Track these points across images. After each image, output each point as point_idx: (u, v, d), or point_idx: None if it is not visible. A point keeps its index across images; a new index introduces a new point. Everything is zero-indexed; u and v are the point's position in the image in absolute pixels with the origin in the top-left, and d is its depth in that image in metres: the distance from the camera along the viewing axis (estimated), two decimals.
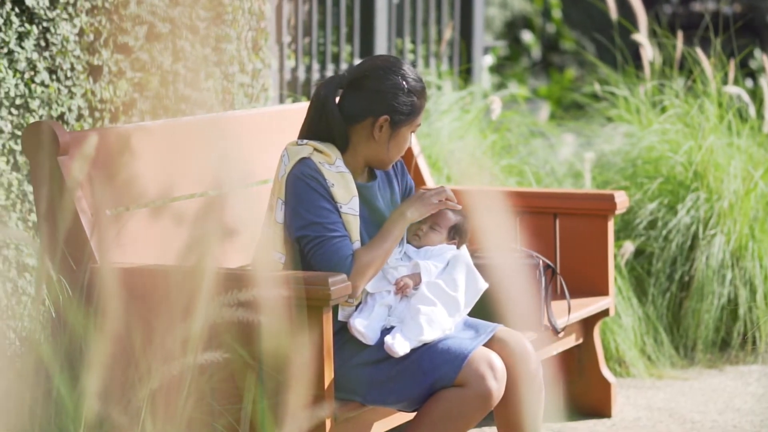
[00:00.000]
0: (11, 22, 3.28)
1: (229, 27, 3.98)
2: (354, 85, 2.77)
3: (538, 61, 8.66)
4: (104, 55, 3.55)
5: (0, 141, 3.28)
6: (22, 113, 3.34)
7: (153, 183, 3.04)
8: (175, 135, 3.14)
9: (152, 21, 3.71)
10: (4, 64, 3.27)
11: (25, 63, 3.32)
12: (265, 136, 3.42)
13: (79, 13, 3.47)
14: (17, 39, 3.30)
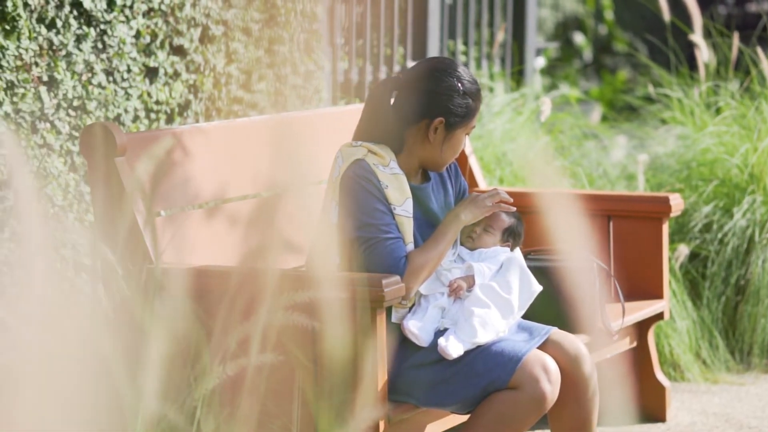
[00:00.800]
0: (69, 24, 3.31)
1: (282, 29, 4.00)
2: (409, 87, 2.77)
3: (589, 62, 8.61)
4: (160, 57, 3.58)
5: (58, 142, 3.32)
6: (79, 115, 3.37)
7: (207, 184, 3.06)
8: (229, 136, 3.16)
9: (206, 23, 3.73)
10: (62, 66, 3.31)
11: (83, 65, 3.36)
12: (318, 137, 3.43)
13: (135, 16, 3.50)
14: (75, 41, 3.34)
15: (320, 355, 2.54)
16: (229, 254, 3.01)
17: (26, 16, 3.20)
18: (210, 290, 2.56)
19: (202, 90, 3.74)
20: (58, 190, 3.33)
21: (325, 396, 2.46)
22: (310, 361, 2.53)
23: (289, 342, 2.49)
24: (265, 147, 3.22)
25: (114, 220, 2.76)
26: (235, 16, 3.82)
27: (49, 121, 3.29)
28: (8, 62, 3.16)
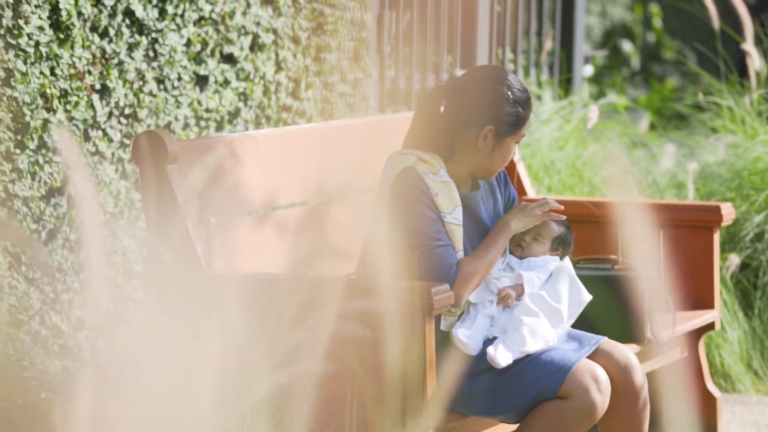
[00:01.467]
0: (122, 33, 3.35)
1: (331, 37, 4.01)
2: (459, 95, 2.77)
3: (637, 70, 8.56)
4: (210, 65, 3.60)
5: (109, 150, 3.35)
6: (130, 122, 3.41)
7: (257, 191, 3.07)
8: (279, 144, 3.18)
9: (256, 32, 3.76)
10: (115, 75, 3.34)
11: (134, 73, 3.39)
12: (366, 145, 3.43)
13: (186, 24, 3.53)
14: (127, 50, 3.37)
15: (370, 363, 2.54)
16: (279, 261, 3.02)
17: (80, 25, 3.24)
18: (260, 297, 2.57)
19: (252, 98, 3.76)
20: (109, 198, 3.36)
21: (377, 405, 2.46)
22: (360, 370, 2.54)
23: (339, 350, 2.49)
24: (315, 155, 3.23)
25: (165, 227, 2.78)
26: (285, 25, 3.84)
27: (101, 128, 3.33)
28: (62, 70, 3.19)
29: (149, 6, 3.41)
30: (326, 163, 3.25)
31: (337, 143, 3.31)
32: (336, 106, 4.06)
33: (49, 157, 3.19)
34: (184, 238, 2.77)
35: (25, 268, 3.13)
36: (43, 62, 3.14)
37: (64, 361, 3.16)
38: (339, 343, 2.44)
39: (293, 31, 3.87)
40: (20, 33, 3.07)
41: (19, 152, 3.12)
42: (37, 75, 3.13)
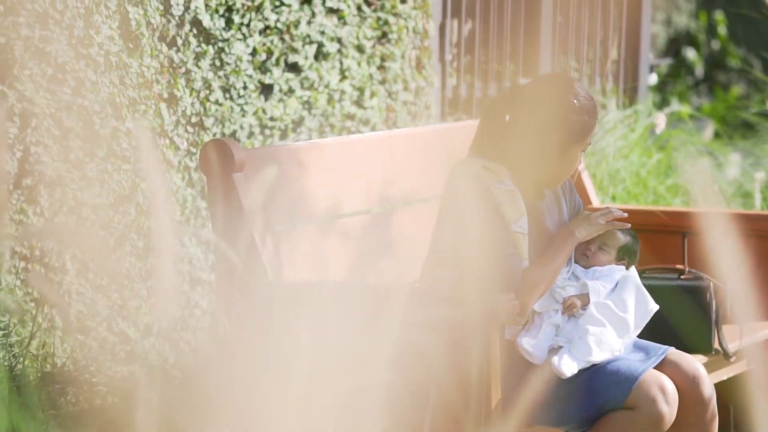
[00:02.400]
0: (189, 42, 3.39)
1: (394, 46, 4.02)
2: (525, 104, 2.76)
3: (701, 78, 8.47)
4: (275, 73, 3.63)
5: (176, 158, 3.39)
6: (197, 131, 3.44)
7: (322, 199, 3.09)
8: (344, 152, 3.19)
9: (321, 41, 3.78)
10: (182, 83, 3.38)
11: (201, 82, 3.43)
12: (429, 153, 3.44)
13: (252, 33, 3.56)
14: (194, 59, 3.41)
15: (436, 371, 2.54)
16: (342, 270, 3.03)
17: (149, 34, 3.28)
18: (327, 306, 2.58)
19: (316, 106, 3.78)
20: (175, 206, 3.40)
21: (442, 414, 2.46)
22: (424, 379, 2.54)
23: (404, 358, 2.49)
24: (378, 163, 3.24)
25: (232, 235, 2.81)
26: (349, 34, 3.86)
27: (169, 137, 3.37)
28: (131, 79, 3.24)
29: (216, 16, 3.45)
30: (390, 172, 3.26)
31: (400, 151, 3.32)
32: (399, 115, 4.06)
33: (117, 165, 3.24)
34: (250, 246, 2.79)
35: (93, 274, 3.17)
36: (113, 71, 3.19)
37: (131, 367, 3.20)
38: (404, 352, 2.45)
39: (358, 40, 3.89)
40: (91, 43, 3.12)
41: (89, 160, 3.16)
42: (106, 84, 3.18)
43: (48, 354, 2.78)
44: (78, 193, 3.15)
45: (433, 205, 3.30)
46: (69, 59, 3.07)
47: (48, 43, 3.01)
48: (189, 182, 3.43)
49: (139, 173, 3.30)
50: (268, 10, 3.60)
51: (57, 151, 3.07)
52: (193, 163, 3.44)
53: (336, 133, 3.88)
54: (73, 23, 3.08)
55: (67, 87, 3.09)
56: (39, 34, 2.99)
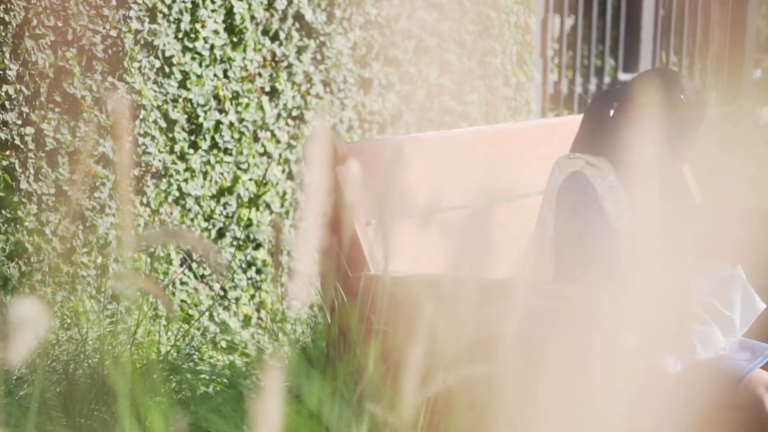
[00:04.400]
0: (291, 36, 3.42)
1: (495, 41, 4.01)
2: (630, 99, 2.73)
3: None
4: (375, 68, 3.65)
5: (277, 150, 3.42)
6: (297, 124, 3.47)
7: (422, 193, 3.09)
8: (444, 147, 3.19)
9: (421, 35, 3.78)
10: (284, 77, 3.41)
11: (302, 76, 3.46)
12: (531, 149, 3.42)
13: (353, 28, 3.58)
14: (296, 53, 3.44)
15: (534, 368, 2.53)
16: (442, 263, 3.03)
17: (252, 28, 3.32)
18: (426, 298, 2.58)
19: (415, 101, 3.79)
20: (276, 198, 3.43)
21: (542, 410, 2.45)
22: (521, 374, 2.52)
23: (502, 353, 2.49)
24: (479, 158, 3.23)
25: (333, 228, 2.83)
26: (450, 28, 3.85)
27: (270, 130, 3.40)
28: (234, 73, 3.28)
29: (318, 10, 3.47)
30: (490, 167, 3.25)
31: (501, 147, 3.31)
32: (498, 110, 4.05)
33: (220, 157, 3.28)
34: (352, 239, 2.81)
35: (196, 265, 3.22)
36: (217, 65, 3.23)
37: (231, 357, 3.25)
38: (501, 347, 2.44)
39: (458, 34, 3.89)
40: (197, 36, 3.17)
41: (193, 152, 3.21)
42: (210, 77, 3.22)
43: (153, 342, 2.84)
44: (182, 184, 3.20)
45: (533, 201, 3.28)
46: (175, 52, 3.12)
47: (156, 37, 3.07)
48: (289, 175, 3.46)
49: (240, 165, 3.35)
50: (369, 5, 3.62)
51: (163, 143, 3.13)
52: (293, 156, 3.47)
53: (434, 127, 3.88)
54: (180, 17, 3.13)
55: (173, 79, 3.14)
56: (148, 28, 3.05)
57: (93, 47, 2.93)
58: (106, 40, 2.96)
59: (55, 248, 2.87)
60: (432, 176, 3.13)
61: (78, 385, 2.23)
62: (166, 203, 3.16)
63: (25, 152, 2.82)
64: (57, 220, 2.89)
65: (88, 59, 2.93)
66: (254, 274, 3.38)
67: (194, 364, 2.89)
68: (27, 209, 2.81)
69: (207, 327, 3.21)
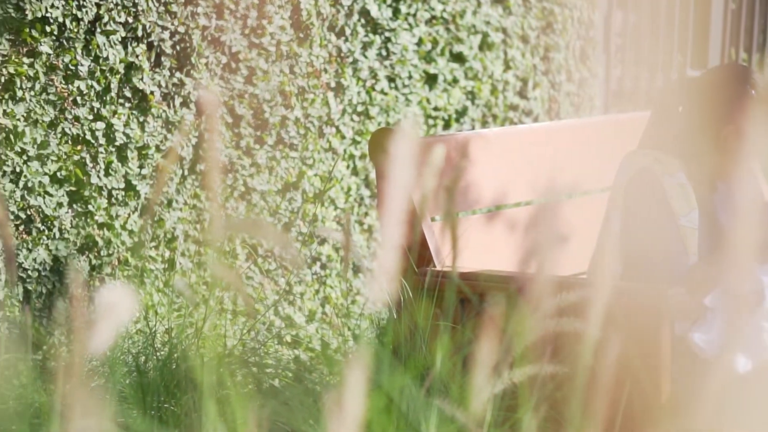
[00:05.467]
0: (357, 32, 3.43)
1: (559, 36, 3.99)
2: (699, 95, 2.70)
3: None
4: (440, 63, 3.64)
5: (342, 146, 3.43)
6: (362, 120, 3.48)
7: (487, 189, 3.09)
8: (509, 143, 3.18)
9: (486, 30, 3.77)
10: (349, 73, 3.42)
11: (367, 71, 3.47)
12: (594, 145, 3.40)
13: (418, 23, 3.58)
14: (361, 48, 3.45)
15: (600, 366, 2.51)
16: (508, 260, 3.03)
17: (318, 24, 3.33)
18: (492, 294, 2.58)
19: (479, 97, 3.78)
20: (340, 193, 3.45)
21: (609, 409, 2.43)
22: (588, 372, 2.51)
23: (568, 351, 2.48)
24: (544, 154, 3.22)
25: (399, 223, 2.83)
26: (514, 24, 3.84)
27: (335, 125, 3.41)
28: (300, 69, 3.29)
29: (384, 6, 3.48)
30: (555, 163, 3.23)
31: (565, 143, 3.29)
32: (562, 106, 4.03)
33: (285, 153, 3.30)
34: (418, 235, 2.81)
35: (261, 260, 3.24)
36: (283, 61, 3.25)
37: (296, 351, 3.27)
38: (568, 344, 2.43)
39: (522, 30, 3.87)
40: (263, 32, 3.19)
41: (258, 147, 3.23)
42: (277, 73, 3.24)
43: (219, 336, 2.86)
44: (248, 179, 3.22)
45: (597, 197, 3.26)
46: (242, 48, 3.15)
47: (223, 33, 3.09)
48: (353, 170, 3.47)
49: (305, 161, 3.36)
50: (435, 1, 3.61)
51: (229, 138, 3.15)
52: (358, 152, 3.48)
53: (498, 123, 3.87)
54: (247, 13, 3.15)
55: (239, 75, 3.16)
56: (215, 24, 3.07)
57: (162, 43, 2.96)
58: (175, 36, 2.99)
59: (124, 242, 2.91)
60: (497, 172, 3.12)
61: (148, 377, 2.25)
62: (232, 198, 3.18)
63: (95, 147, 2.85)
64: (126, 214, 2.92)
65: (157, 55, 2.96)
66: (319, 269, 3.40)
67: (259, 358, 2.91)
68: (97, 203, 2.85)
69: (272, 321, 3.24)
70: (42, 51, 2.72)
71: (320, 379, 2.86)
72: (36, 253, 2.71)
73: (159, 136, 2.98)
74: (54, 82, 2.74)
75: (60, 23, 2.75)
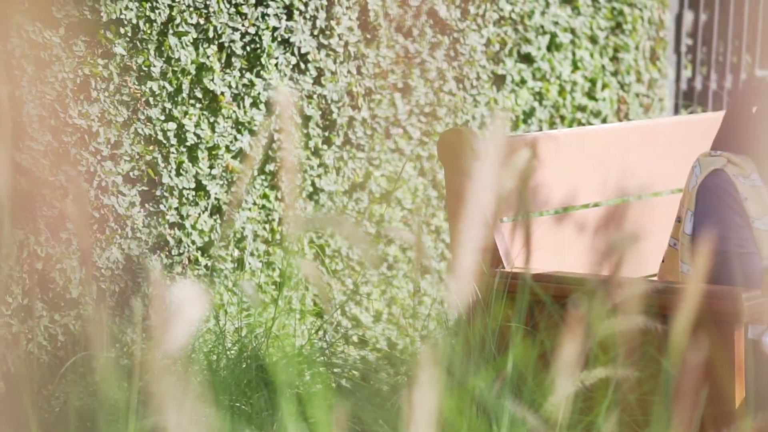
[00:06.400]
0: (425, 33, 3.42)
1: (628, 36, 3.95)
2: None
3: None
4: (508, 64, 3.63)
5: (409, 147, 3.43)
6: (429, 121, 3.48)
7: (557, 190, 3.06)
8: (579, 144, 3.16)
9: (554, 31, 3.75)
10: (416, 74, 3.42)
11: (435, 72, 3.46)
12: (664, 146, 3.36)
13: (486, 24, 3.57)
14: (429, 49, 3.45)
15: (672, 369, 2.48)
16: (577, 261, 3.00)
17: (386, 25, 3.34)
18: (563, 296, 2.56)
19: (547, 97, 3.76)
20: (407, 194, 3.44)
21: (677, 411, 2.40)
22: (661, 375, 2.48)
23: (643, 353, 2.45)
24: (613, 155, 3.19)
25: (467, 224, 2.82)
26: (583, 24, 3.81)
27: (402, 126, 3.41)
28: (368, 69, 3.30)
29: (452, 6, 3.47)
30: (624, 164, 3.20)
31: (635, 144, 3.26)
32: (631, 107, 3.99)
33: (352, 153, 3.30)
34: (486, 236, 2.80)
35: (329, 260, 3.25)
36: (351, 61, 3.26)
37: (362, 352, 3.27)
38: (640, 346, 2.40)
39: (591, 30, 3.84)
40: (332, 33, 3.20)
41: (326, 148, 3.24)
42: (344, 74, 3.25)
43: (288, 335, 2.87)
44: (316, 179, 3.23)
45: (666, 200, 3.23)
46: (311, 49, 3.16)
47: (292, 34, 3.11)
48: (420, 171, 3.47)
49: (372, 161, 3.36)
50: (503, 1, 3.60)
51: (298, 138, 3.17)
52: (425, 153, 3.47)
53: (566, 124, 3.84)
54: (316, 14, 3.16)
55: (308, 76, 3.17)
56: (285, 25, 3.09)
57: (232, 44, 2.98)
58: (245, 37, 3.01)
59: (194, 241, 2.93)
60: (566, 173, 3.10)
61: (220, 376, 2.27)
62: (300, 198, 3.20)
63: (167, 147, 2.88)
64: (197, 213, 2.94)
65: (227, 56, 2.98)
66: (385, 270, 3.40)
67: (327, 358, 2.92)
68: (168, 203, 2.88)
69: (339, 322, 3.24)
70: (116, 52, 2.75)
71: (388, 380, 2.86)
72: (109, 251, 2.75)
73: (229, 137, 3.00)
74: (127, 83, 2.77)
75: (134, 25, 2.78)
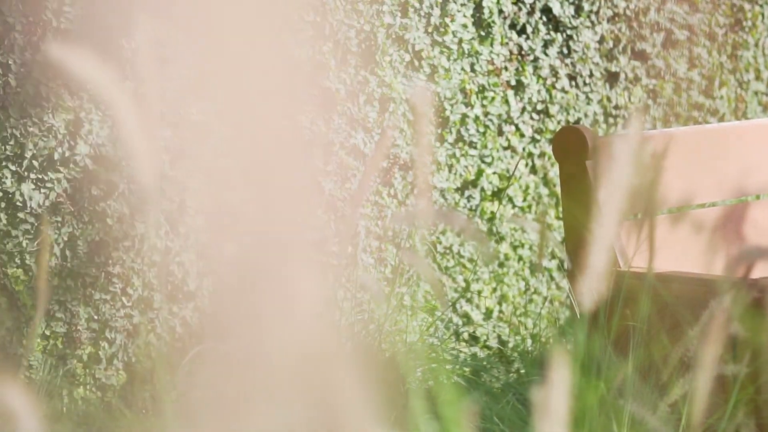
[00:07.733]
0: (538, 30, 3.40)
1: (748, 34, 3.87)
2: None
3: None
4: (622, 61, 3.58)
5: (521, 144, 3.41)
6: (542, 118, 3.45)
7: (674, 189, 3.01)
8: (696, 142, 3.10)
9: (670, 28, 3.69)
10: (529, 71, 3.40)
11: (548, 69, 3.44)
12: None
13: (600, 21, 3.53)
14: (542, 46, 3.42)
15: None
16: (693, 261, 2.95)
17: (500, 22, 3.32)
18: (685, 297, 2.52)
19: (662, 95, 3.70)
20: (519, 192, 3.43)
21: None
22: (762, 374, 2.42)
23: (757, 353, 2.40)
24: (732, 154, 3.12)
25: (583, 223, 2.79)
26: (701, 21, 3.74)
27: (514, 124, 3.40)
28: (481, 67, 3.29)
29: (566, 3, 3.44)
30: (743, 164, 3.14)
31: (754, 143, 3.19)
32: (749, 105, 3.91)
33: (465, 151, 3.30)
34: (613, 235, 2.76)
35: (440, 257, 3.25)
36: (464, 59, 3.25)
37: (473, 349, 3.26)
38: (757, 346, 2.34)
39: (710, 27, 3.77)
40: (446, 30, 3.20)
41: (439, 145, 3.24)
42: (458, 71, 3.25)
43: (399, 332, 2.88)
44: (429, 176, 3.23)
45: None
46: (425, 46, 3.16)
47: (407, 31, 3.11)
48: (532, 169, 3.45)
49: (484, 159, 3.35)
50: None
51: (410, 135, 3.17)
52: (536, 150, 3.45)
53: (681, 122, 3.78)
54: (430, 11, 3.16)
55: (422, 73, 3.18)
56: (399, 22, 3.10)
57: (347, 41, 3.00)
58: (360, 34, 3.03)
59: None
60: (683, 172, 3.04)
61: None
62: (412, 195, 3.20)
63: None
64: None
65: (342, 53, 3.00)
66: (496, 267, 3.39)
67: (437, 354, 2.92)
68: None
69: (450, 319, 3.24)
70: None
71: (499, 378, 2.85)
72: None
73: (343, 133, 3.03)
74: None
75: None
